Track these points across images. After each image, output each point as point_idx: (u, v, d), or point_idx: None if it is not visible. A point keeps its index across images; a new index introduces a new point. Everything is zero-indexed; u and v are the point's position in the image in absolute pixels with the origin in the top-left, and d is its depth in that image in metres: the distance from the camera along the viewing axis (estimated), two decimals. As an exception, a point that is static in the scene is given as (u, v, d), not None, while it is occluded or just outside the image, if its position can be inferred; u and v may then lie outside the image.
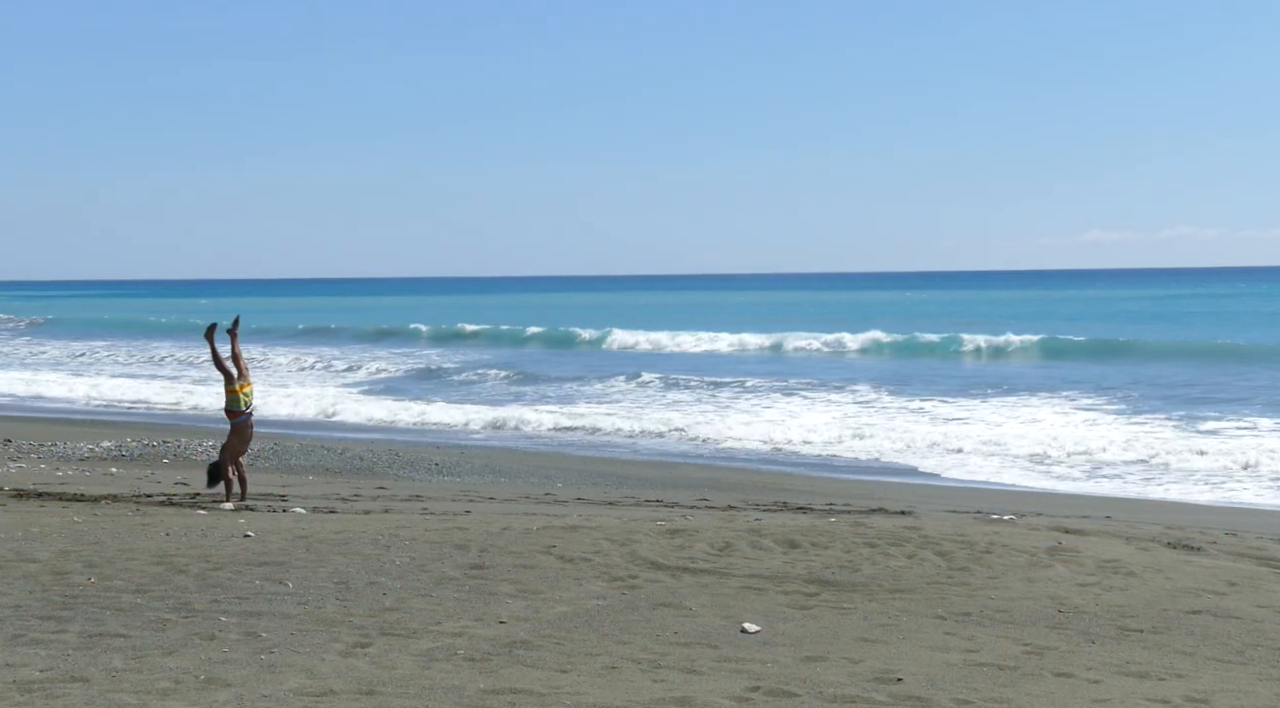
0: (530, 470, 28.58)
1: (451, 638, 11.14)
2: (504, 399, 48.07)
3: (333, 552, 14.72)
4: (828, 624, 12.17)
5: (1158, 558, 15.96)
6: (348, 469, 27.69)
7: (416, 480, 26.24)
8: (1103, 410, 40.44)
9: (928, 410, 41.61)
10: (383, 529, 16.34)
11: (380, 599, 12.50)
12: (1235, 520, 22.29)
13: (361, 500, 21.10)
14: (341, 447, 31.20)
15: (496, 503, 21.56)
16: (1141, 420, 37.67)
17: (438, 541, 15.56)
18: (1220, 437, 33.84)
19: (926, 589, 13.80)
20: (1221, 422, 36.56)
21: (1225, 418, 37.19)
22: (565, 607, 12.49)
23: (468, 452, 32.31)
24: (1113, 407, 41.12)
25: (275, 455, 29.10)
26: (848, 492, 25.62)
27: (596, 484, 26.46)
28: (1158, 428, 36.09)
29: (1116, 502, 25.47)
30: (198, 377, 58.46)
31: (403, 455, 29.90)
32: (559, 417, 40.71)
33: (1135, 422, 37.60)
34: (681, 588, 13.56)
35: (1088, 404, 42.04)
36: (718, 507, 21.58)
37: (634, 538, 16.06)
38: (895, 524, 17.92)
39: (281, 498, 20.90)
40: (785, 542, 16.12)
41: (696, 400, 46.28)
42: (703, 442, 35.99)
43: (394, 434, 38.08)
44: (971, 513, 21.11)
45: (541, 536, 16.07)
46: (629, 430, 38.21)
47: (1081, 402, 42.63)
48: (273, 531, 16.16)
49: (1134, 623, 12.56)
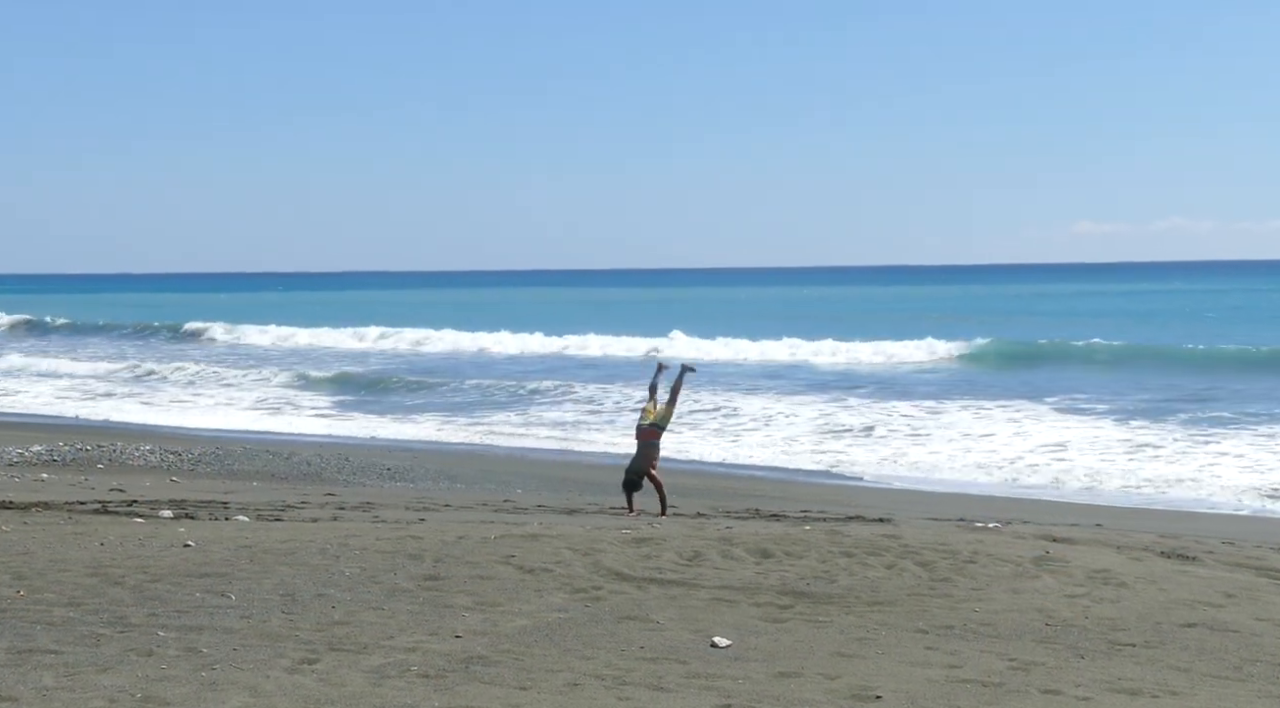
0: (488, 476, 28.55)
1: (404, 654, 11.09)
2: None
3: (278, 562, 14.65)
4: (802, 638, 12.16)
5: (1151, 568, 16.01)
6: (294, 475, 27.60)
7: (367, 487, 26.18)
8: (1095, 415, 40.61)
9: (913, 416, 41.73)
10: (331, 538, 16.27)
11: (329, 612, 12.44)
12: (1233, 529, 22.38)
13: (309, 508, 21.01)
14: (288, 451, 31.10)
15: (452, 510, 21.51)
16: (1134, 425, 37.83)
17: (390, 550, 15.51)
18: (1217, 442, 34.01)
19: (907, 601, 13.81)
20: (1219, 427, 36.75)
21: (1223, 423, 37.40)
22: (525, 620, 12.46)
23: (421, 456, 32.26)
24: (1105, 411, 41.29)
25: (217, 460, 29.00)
26: (823, 498, 25.66)
27: (558, 490, 26.44)
28: (1152, 433, 36.25)
29: (1107, 509, 25.56)
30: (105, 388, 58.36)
31: (353, 461, 29.83)
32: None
33: (1127, 426, 37.77)
34: (648, 600, 13.54)
35: (1079, 408, 42.21)
36: (686, 514, 21.58)
37: (598, 547, 16.03)
38: (873, 532, 17.93)
39: (224, 505, 20.81)
40: (757, 551, 16.11)
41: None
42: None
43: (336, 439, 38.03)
44: (954, 521, 21.15)
45: (500, 545, 16.03)
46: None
47: (1071, 405, 42.81)
48: (214, 540, 16.08)
49: (1125, 637, 12.58)
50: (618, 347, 74.76)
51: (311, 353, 78.51)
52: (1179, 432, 36.14)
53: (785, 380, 55.36)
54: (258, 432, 39.46)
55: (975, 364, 63.17)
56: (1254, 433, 35.43)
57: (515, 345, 78.27)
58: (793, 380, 55.53)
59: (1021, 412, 41.28)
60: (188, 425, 41.13)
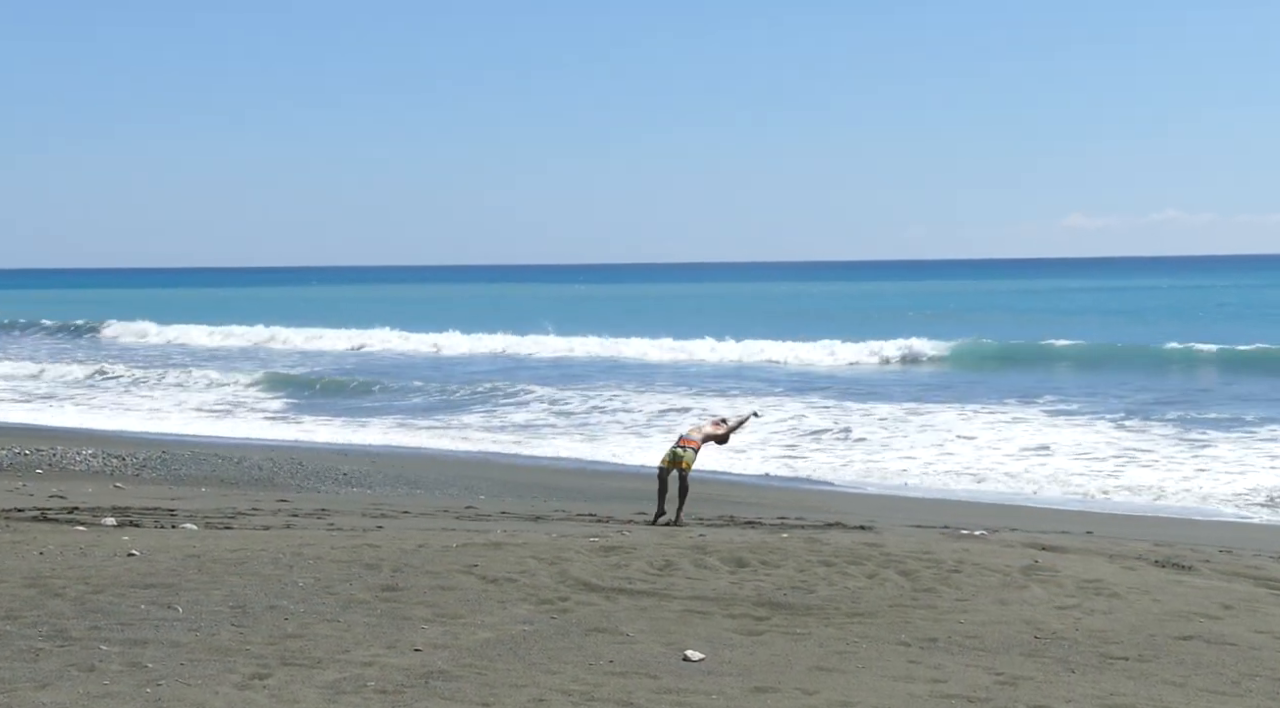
0: (449, 481, 28.51)
1: (361, 668, 11.08)
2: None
3: (228, 572, 14.62)
4: (779, 652, 12.17)
5: (1144, 578, 16.06)
6: (245, 480, 27.53)
7: (322, 492, 26.12)
8: (1082, 417, 40.70)
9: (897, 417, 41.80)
10: (284, 547, 16.24)
11: (281, 625, 12.42)
12: (1230, 536, 22.45)
13: (261, 515, 20.97)
14: (238, 455, 31.02)
15: (411, 517, 21.49)
16: (1123, 428, 37.93)
17: (346, 559, 15.49)
18: (1214, 446, 34.12)
19: (888, 613, 13.83)
20: (1213, 430, 36.85)
21: (1217, 426, 37.50)
22: (488, 633, 12.45)
23: (378, 461, 32.19)
24: (1092, 413, 41.37)
25: (163, 465, 28.91)
26: (801, 504, 25.68)
27: (523, 496, 26.41)
28: (1143, 436, 36.36)
29: (1098, 516, 25.62)
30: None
31: (307, 465, 29.76)
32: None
33: (1116, 429, 37.86)
34: (617, 612, 13.54)
35: (1064, 410, 42.30)
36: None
37: (564, 556, 16.03)
38: (854, 540, 17.95)
39: (170, 512, 20.75)
40: (732, 560, 16.13)
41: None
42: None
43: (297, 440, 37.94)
44: (938, 528, 21.18)
45: (461, 554, 16.02)
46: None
47: (1057, 408, 42.88)
48: (160, 549, 16.04)
49: (1118, 650, 12.62)
50: (584, 347, 74.74)
51: (263, 353, 78.40)
52: (1171, 435, 36.22)
53: (755, 382, 55.42)
54: (206, 436, 39.34)
55: (955, 365, 63.36)
56: (1249, 437, 35.54)
57: (475, 345, 78.20)
58: (764, 381, 55.63)
59: (1006, 414, 41.33)
60: (132, 429, 40.96)
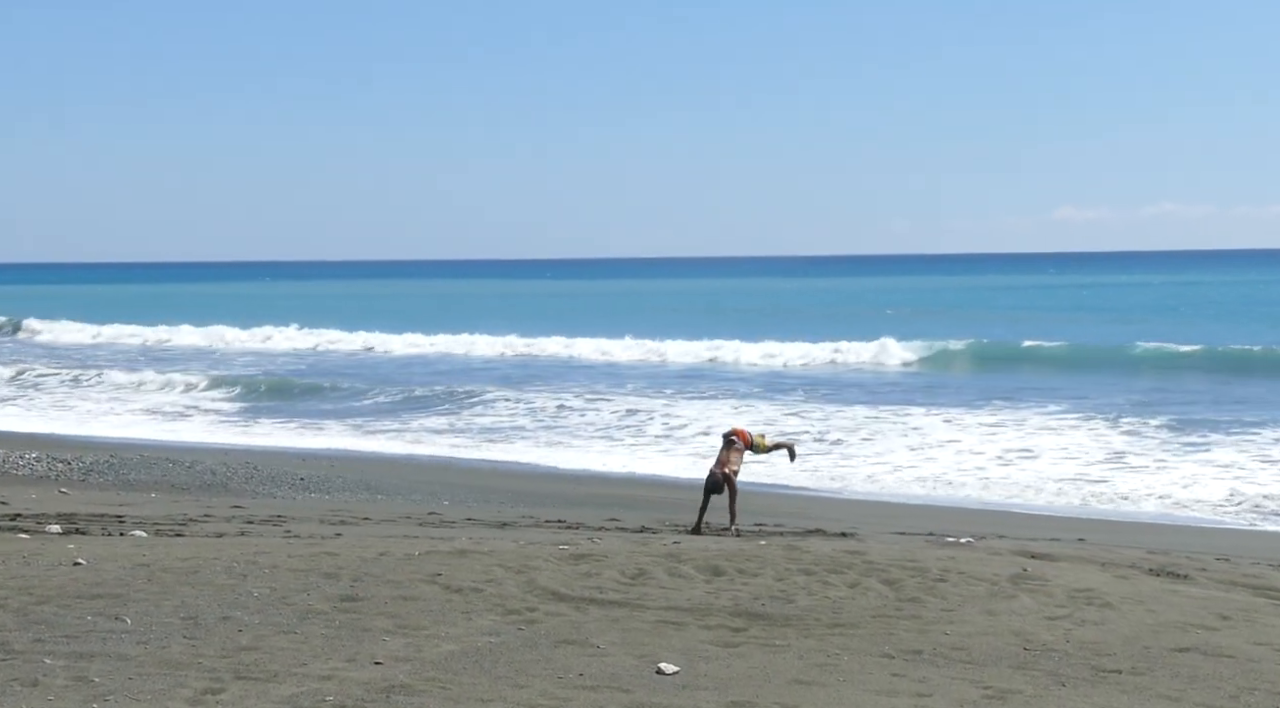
0: (412, 486, 28.49)
1: (319, 682, 11.05)
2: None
3: (179, 582, 14.57)
4: (757, 664, 12.16)
5: (1138, 587, 16.09)
6: (197, 485, 27.47)
7: (278, 498, 26.08)
8: (1073, 420, 40.81)
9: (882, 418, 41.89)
10: (238, 555, 16.20)
11: (235, 637, 12.38)
12: (1228, 544, 22.51)
13: (214, 522, 20.92)
14: (190, 459, 30.95)
15: (372, 524, 21.46)
16: (1113, 431, 38.05)
17: (303, 568, 15.45)
18: (1210, 450, 34.25)
19: (871, 623, 13.84)
20: (1212, 433, 36.97)
21: (1216, 429, 37.62)
22: (452, 645, 12.42)
23: (337, 465, 32.15)
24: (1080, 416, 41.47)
25: (111, 469, 28.83)
26: (779, 510, 25.67)
27: (489, 502, 26.40)
28: (1134, 439, 36.48)
29: (1090, 522, 25.67)
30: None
31: (262, 470, 29.70)
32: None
33: (1106, 432, 37.98)
34: (588, 623, 13.52)
35: (1050, 413, 42.42)
36: (629, 528, 21.59)
37: (532, 565, 16.01)
38: (835, 548, 17.97)
39: (118, 519, 20.69)
40: (708, 569, 16.12)
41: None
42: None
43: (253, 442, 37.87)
44: (923, 535, 21.21)
45: (425, 562, 16.00)
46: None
47: (1042, 410, 43.00)
48: (108, 557, 15.98)
49: (1111, 663, 12.63)
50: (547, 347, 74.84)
51: (212, 353, 78.42)
52: (1165, 438, 36.39)
53: (724, 382, 55.67)
54: (156, 439, 39.24)
55: (934, 366, 63.73)
56: (1246, 440, 35.66)
57: (435, 345, 78.42)
58: (734, 381, 55.91)
59: (988, 416, 41.54)
60: (77, 433, 40.85)
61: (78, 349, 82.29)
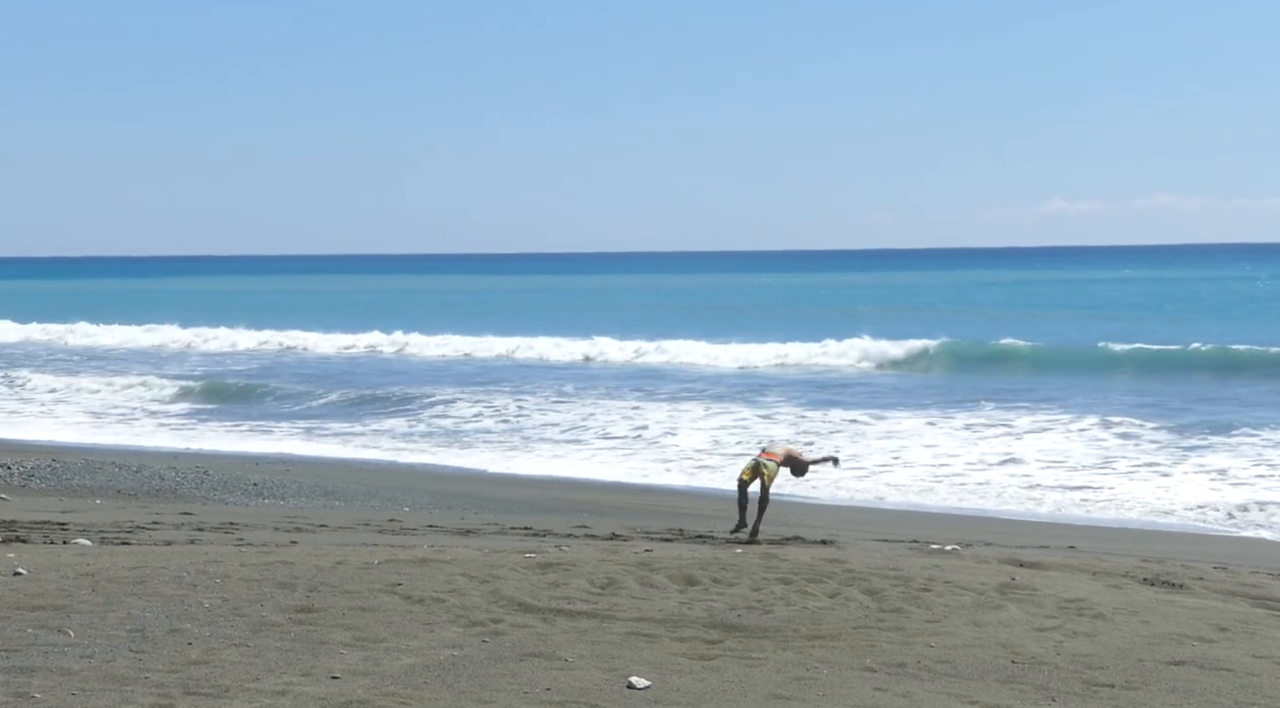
0: (370, 492, 28.45)
1: (272, 698, 11.03)
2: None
3: (125, 593, 14.53)
4: (732, 678, 12.17)
5: (1131, 597, 16.13)
6: (145, 491, 27.40)
7: (230, 504, 26.03)
8: (1061, 422, 40.93)
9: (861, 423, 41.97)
10: (188, 565, 16.16)
11: (184, 650, 12.35)
12: (1225, 552, 22.58)
13: (162, 529, 20.87)
14: (137, 464, 30.86)
15: (329, 532, 21.44)
16: (1108, 434, 38.16)
17: (256, 578, 15.42)
18: (1207, 454, 34.36)
19: (852, 635, 13.85)
20: (1211, 436, 37.10)
21: (1212, 433, 37.73)
22: (413, 658, 12.41)
23: (293, 469, 32.11)
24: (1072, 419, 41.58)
25: (54, 474, 28.73)
26: (757, 517, 25.68)
27: (451, 508, 26.38)
28: (1129, 443, 36.58)
29: (1081, 529, 25.73)
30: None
31: (214, 474, 29.65)
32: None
33: (1100, 435, 38.08)
34: (555, 635, 13.52)
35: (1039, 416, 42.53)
36: (599, 535, 21.58)
37: (497, 574, 16.01)
38: (814, 556, 17.98)
39: (61, 526, 20.64)
40: (681, 578, 16.13)
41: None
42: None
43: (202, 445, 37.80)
44: (906, 542, 21.24)
45: (384, 571, 15.98)
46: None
47: (1030, 413, 43.11)
48: (50, 567, 15.94)
49: (1103, 676, 12.65)
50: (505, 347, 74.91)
51: (159, 353, 78.29)
52: (1158, 441, 36.52)
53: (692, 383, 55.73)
54: (100, 444, 39.16)
55: (911, 367, 63.87)
56: (1244, 444, 35.78)
57: (392, 344, 78.62)
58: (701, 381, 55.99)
59: (972, 419, 41.69)
60: (15, 437, 40.73)
61: (5, 349, 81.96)
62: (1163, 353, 63.03)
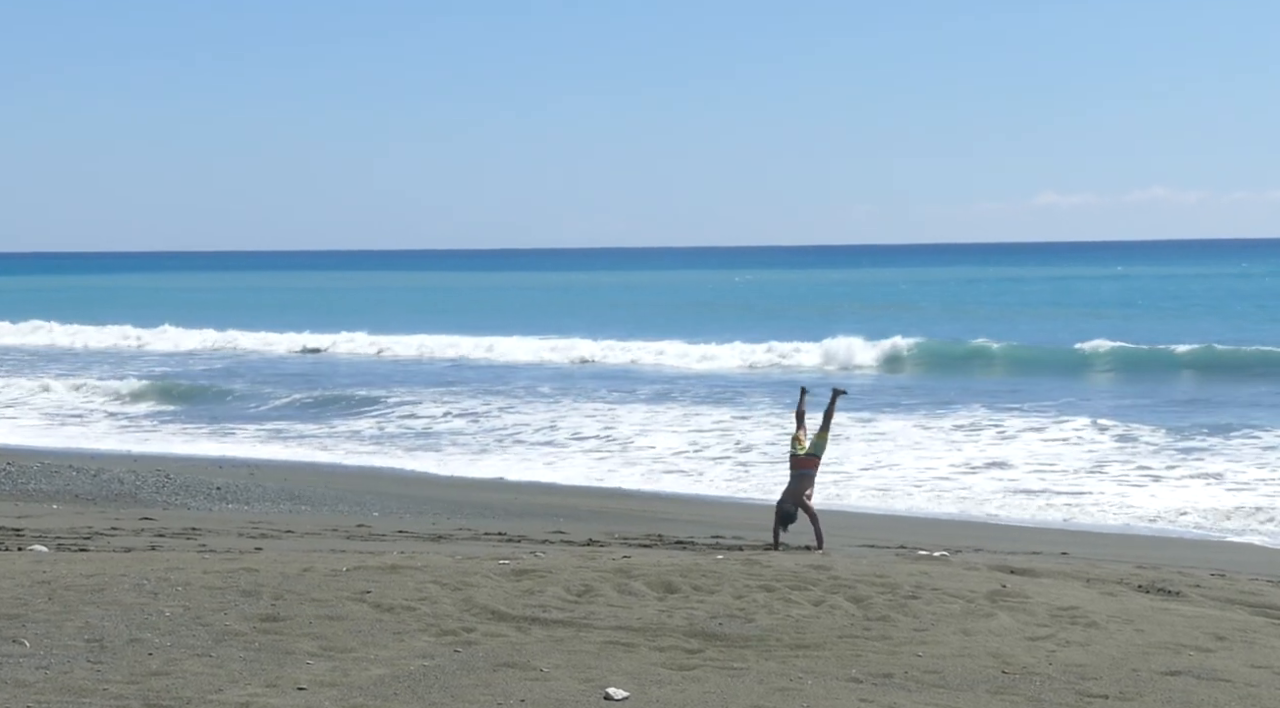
0: (339, 496, 28.43)
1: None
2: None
3: (83, 601, 14.50)
4: (713, 689, 12.16)
5: (1126, 605, 16.15)
6: (103, 496, 27.35)
7: (192, 509, 26.00)
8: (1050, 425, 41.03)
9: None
10: (148, 572, 16.13)
11: (144, 661, 12.32)
12: (1223, 558, 22.61)
13: (121, 535, 20.83)
14: (96, 467, 30.82)
15: (295, 538, 21.41)
16: (1101, 437, 38.25)
17: (219, 585, 15.39)
18: (1204, 458, 34.45)
19: (837, 644, 13.85)
20: (1209, 438, 37.21)
21: (1210, 435, 37.84)
22: (382, 669, 12.39)
23: (258, 473, 32.08)
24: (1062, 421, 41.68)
25: (8, 478, 28.68)
26: (737, 521, 25.71)
27: (423, 512, 26.37)
28: (1123, 446, 36.68)
29: (1074, 534, 25.77)
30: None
31: (175, 478, 29.61)
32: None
33: (1092, 437, 38.18)
34: (530, 644, 13.51)
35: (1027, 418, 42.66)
36: (576, 541, 21.58)
37: (470, 581, 15.99)
38: (798, 562, 17.99)
39: (16, 532, 20.59)
40: (661, 585, 16.12)
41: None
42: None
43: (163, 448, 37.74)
44: (893, 549, 21.27)
45: (352, 578, 15.96)
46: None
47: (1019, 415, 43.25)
48: (4, 574, 15.90)
49: (1097, 687, 12.66)
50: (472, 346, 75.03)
51: (116, 353, 78.22)
52: (1154, 444, 36.64)
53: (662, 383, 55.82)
54: (57, 447, 39.09)
55: (889, 367, 64.21)
56: (1242, 447, 35.90)
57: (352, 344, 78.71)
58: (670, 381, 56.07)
59: (956, 420, 41.85)
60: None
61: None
62: (1147, 353, 63.43)
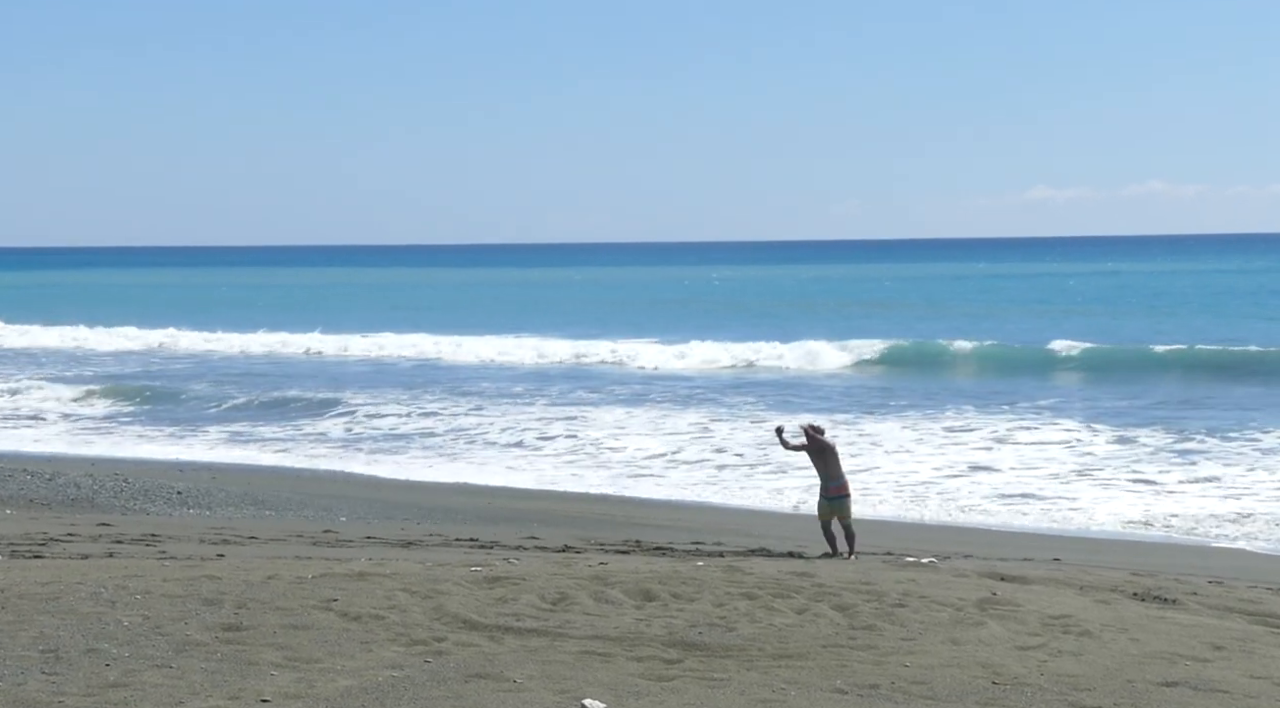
0: (304, 501, 28.39)
1: (197, 723, 10.99)
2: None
3: (38, 610, 14.46)
4: (693, 700, 12.16)
5: (1121, 613, 16.16)
6: (59, 500, 27.29)
7: (152, 514, 25.95)
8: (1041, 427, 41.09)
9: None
10: (106, 580, 16.09)
11: (102, 672, 12.29)
12: (1221, 565, 22.65)
13: (78, 541, 20.79)
14: (51, 471, 30.76)
15: (259, 544, 21.37)
16: (1095, 440, 38.32)
17: (180, 594, 15.36)
18: (1199, 462, 34.52)
19: (822, 654, 13.85)
20: (1205, 441, 37.29)
21: (1209, 436, 37.93)
22: (349, 680, 12.37)
23: (220, 477, 32.04)
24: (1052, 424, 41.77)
25: (-39, 482, 28.63)
26: (719, 527, 25.72)
27: (391, 518, 26.34)
28: (1119, 449, 36.73)
29: (1067, 540, 25.80)
30: None
31: (134, 482, 29.56)
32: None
33: (1086, 440, 38.24)
34: (503, 654, 13.49)
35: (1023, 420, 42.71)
36: (550, 548, 21.58)
37: (441, 589, 15.97)
38: (781, 569, 17.98)
39: (-31, 538, 20.56)
40: (638, 593, 16.12)
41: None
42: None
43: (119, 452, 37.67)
44: (880, 555, 21.28)
45: (318, 586, 15.93)
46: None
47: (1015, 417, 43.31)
48: (-44, 581, 15.87)
49: (1090, 698, 12.68)
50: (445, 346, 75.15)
51: (69, 353, 78.10)
52: (1150, 448, 36.70)
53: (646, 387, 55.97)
54: (10, 450, 39.02)
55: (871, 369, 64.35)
56: (1240, 450, 35.99)
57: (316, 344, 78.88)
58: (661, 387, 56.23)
59: (945, 423, 41.96)
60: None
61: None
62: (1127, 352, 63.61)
